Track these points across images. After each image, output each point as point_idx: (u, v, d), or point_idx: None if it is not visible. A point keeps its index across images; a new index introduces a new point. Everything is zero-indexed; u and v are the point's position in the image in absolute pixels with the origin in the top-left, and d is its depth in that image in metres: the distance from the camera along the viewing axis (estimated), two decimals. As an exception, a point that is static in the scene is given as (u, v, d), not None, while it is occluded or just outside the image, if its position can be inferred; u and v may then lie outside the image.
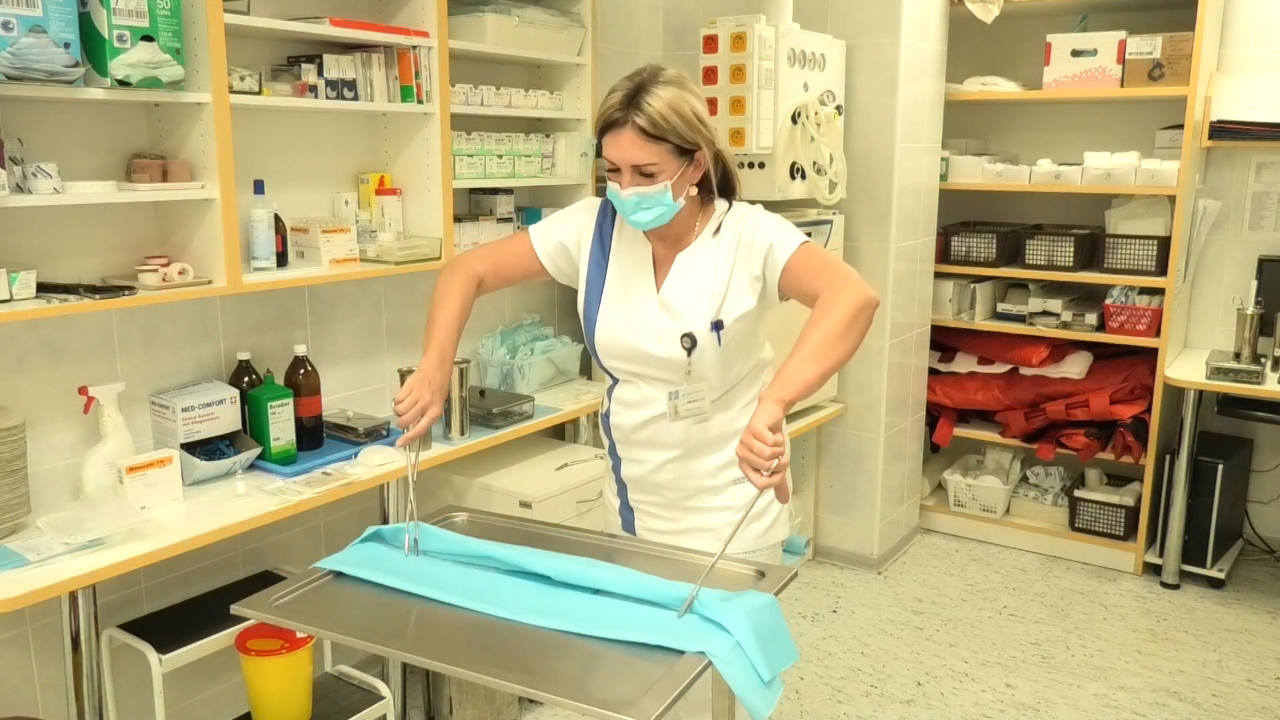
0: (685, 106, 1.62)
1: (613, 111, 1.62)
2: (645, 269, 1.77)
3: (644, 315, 1.74)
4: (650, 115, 1.59)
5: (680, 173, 1.65)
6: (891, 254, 3.61)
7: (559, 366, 3.26)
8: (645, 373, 1.76)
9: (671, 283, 1.74)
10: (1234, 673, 3.08)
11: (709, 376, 1.73)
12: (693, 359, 1.70)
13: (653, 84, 1.62)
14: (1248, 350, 3.51)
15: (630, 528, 1.90)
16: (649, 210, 1.66)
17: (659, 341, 1.72)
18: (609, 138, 1.64)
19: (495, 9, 2.85)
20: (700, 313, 1.70)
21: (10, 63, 1.80)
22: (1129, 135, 3.92)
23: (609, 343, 1.78)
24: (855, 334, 1.57)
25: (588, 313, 1.80)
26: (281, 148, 2.59)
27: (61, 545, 1.92)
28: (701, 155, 1.67)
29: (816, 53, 3.33)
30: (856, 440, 3.79)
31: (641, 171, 1.63)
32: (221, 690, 2.59)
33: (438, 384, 1.70)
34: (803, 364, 1.52)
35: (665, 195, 1.64)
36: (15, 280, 1.98)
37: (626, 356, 1.77)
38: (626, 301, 1.76)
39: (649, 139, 1.61)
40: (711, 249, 1.73)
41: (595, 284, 1.80)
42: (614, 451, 1.89)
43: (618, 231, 1.81)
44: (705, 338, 1.69)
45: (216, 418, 2.35)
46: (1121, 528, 3.81)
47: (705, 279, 1.71)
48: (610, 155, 1.65)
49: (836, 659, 3.16)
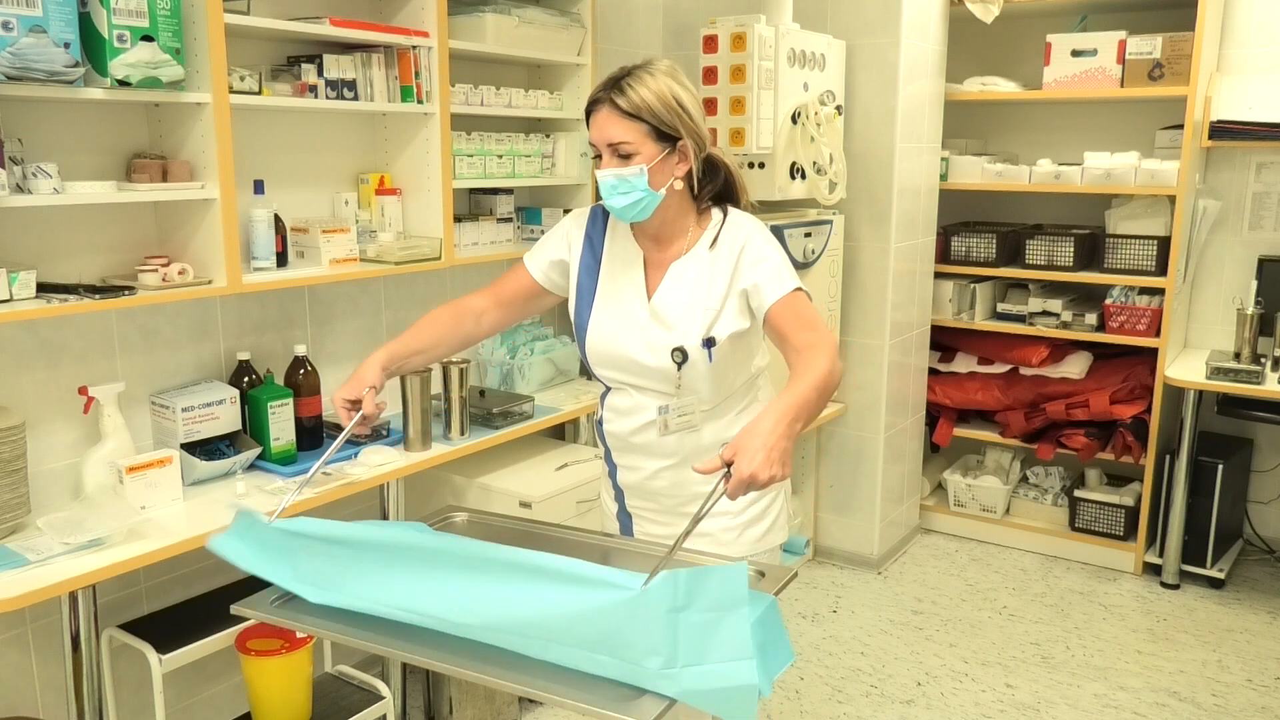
0: (667, 92, 1.64)
1: (596, 92, 1.66)
2: (636, 274, 1.76)
3: (635, 323, 1.73)
4: (628, 95, 1.62)
5: (659, 158, 1.64)
6: (891, 254, 3.61)
7: (559, 366, 3.26)
8: (636, 382, 1.75)
9: (664, 291, 1.72)
10: (1234, 673, 3.08)
11: (699, 390, 1.72)
12: (683, 372, 1.69)
13: (640, 70, 1.65)
14: (1248, 350, 3.51)
15: (629, 533, 1.90)
16: (625, 195, 1.65)
17: (649, 351, 1.71)
18: (591, 119, 1.67)
19: (495, 9, 2.85)
20: (692, 327, 1.68)
21: (10, 63, 1.80)
22: (1129, 135, 3.92)
23: (600, 349, 1.77)
24: (825, 400, 1.53)
25: (579, 319, 1.80)
26: (281, 148, 2.59)
27: (61, 545, 1.92)
28: (685, 145, 1.67)
29: (816, 53, 3.33)
30: (856, 440, 3.79)
31: (618, 152, 1.64)
32: (221, 690, 2.59)
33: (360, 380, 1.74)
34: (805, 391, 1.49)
35: (641, 179, 1.64)
36: (15, 280, 1.98)
37: (617, 364, 1.76)
38: (618, 307, 1.75)
39: (624, 116, 1.62)
40: (707, 262, 1.71)
41: (587, 289, 1.79)
42: (610, 458, 1.88)
43: (609, 237, 1.80)
44: (696, 353, 1.68)
45: (216, 418, 2.35)
46: (1121, 528, 3.81)
47: (699, 292, 1.70)
48: (591, 137, 1.67)
49: (836, 659, 3.16)
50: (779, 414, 1.42)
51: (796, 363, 1.57)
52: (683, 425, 1.74)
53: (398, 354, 1.79)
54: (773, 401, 1.46)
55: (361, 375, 1.74)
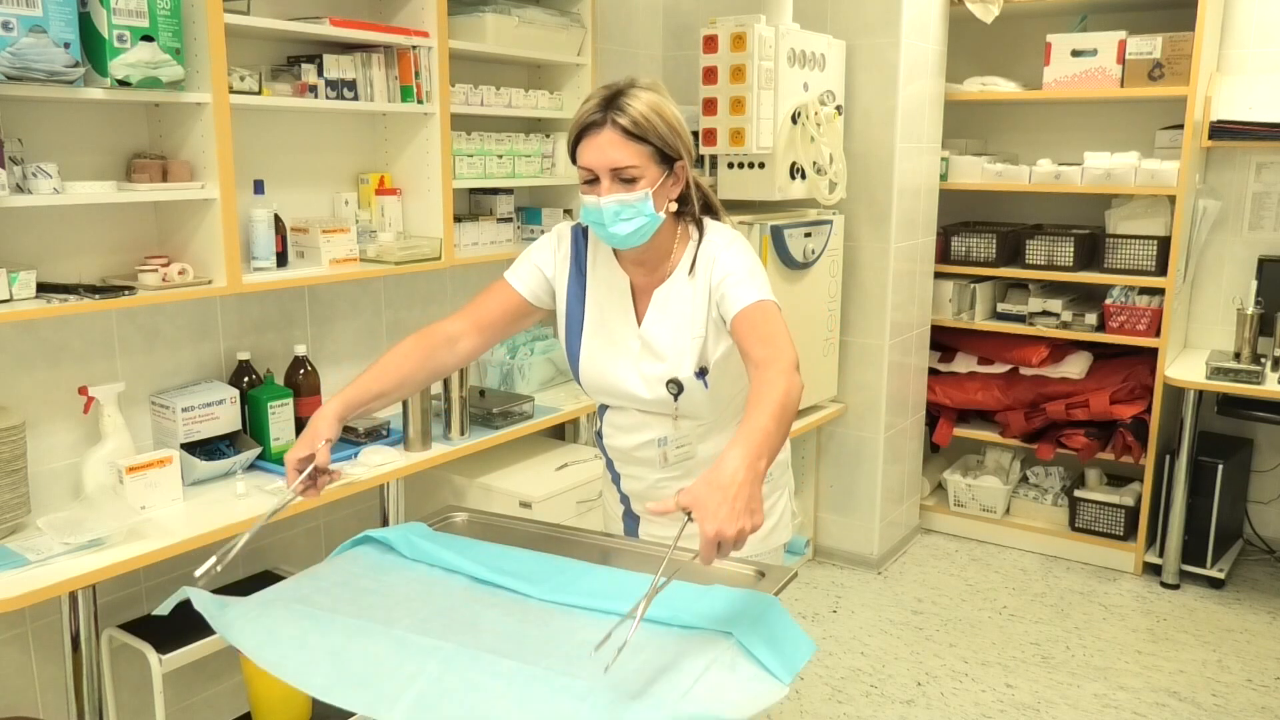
0: (666, 110, 1.58)
1: (590, 114, 1.55)
2: (624, 301, 1.71)
3: (626, 354, 1.70)
4: (631, 115, 1.53)
5: (661, 180, 1.58)
6: (891, 254, 3.61)
7: (559, 366, 3.26)
8: (633, 406, 1.75)
9: (651, 319, 1.69)
10: (1234, 673, 3.08)
11: (700, 415, 1.71)
12: (680, 402, 1.67)
13: (631, 88, 1.57)
14: (1248, 350, 3.51)
15: (634, 534, 1.90)
16: (629, 221, 1.57)
17: (644, 384, 1.69)
18: (586, 142, 1.56)
19: (495, 9, 2.85)
20: (683, 357, 1.65)
21: (10, 63, 1.80)
22: (1129, 135, 3.92)
23: (593, 380, 1.75)
24: (787, 425, 1.41)
25: (569, 347, 1.76)
26: (281, 148, 2.59)
27: (61, 545, 1.92)
28: (681, 166, 1.62)
29: (816, 53, 3.33)
30: (856, 440, 3.79)
31: (621, 177, 1.55)
32: (221, 690, 2.59)
33: (313, 435, 1.53)
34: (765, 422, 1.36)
35: (647, 204, 1.56)
36: (15, 280, 1.98)
37: (612, 394, 1.74)
38: (608, 337, 1.72)
39: (630, 138, 1.54)
40: (688, 290, 1.66)
41: (575, 316, 1.74)
42: (612, 467, 1.88)
43: (591, 262, 1.74)
44: (691, 383, 1.66)
45: (216, 418, 2.35)
46: (1121, 528, 3.81)
47: (684, 321, 1.66)
48: (588, 160, 1.56)
49: (836, 659, 3.16)
50: (739, 459, 1.27)
51: (753, 382, 1.46)
52: (682, 455, 1.73)
53: (354, 401, 1.60)
54: (730, 442, 1.31)
55: (315, 430, 1.54)
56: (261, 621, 1.40)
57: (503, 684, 1.20)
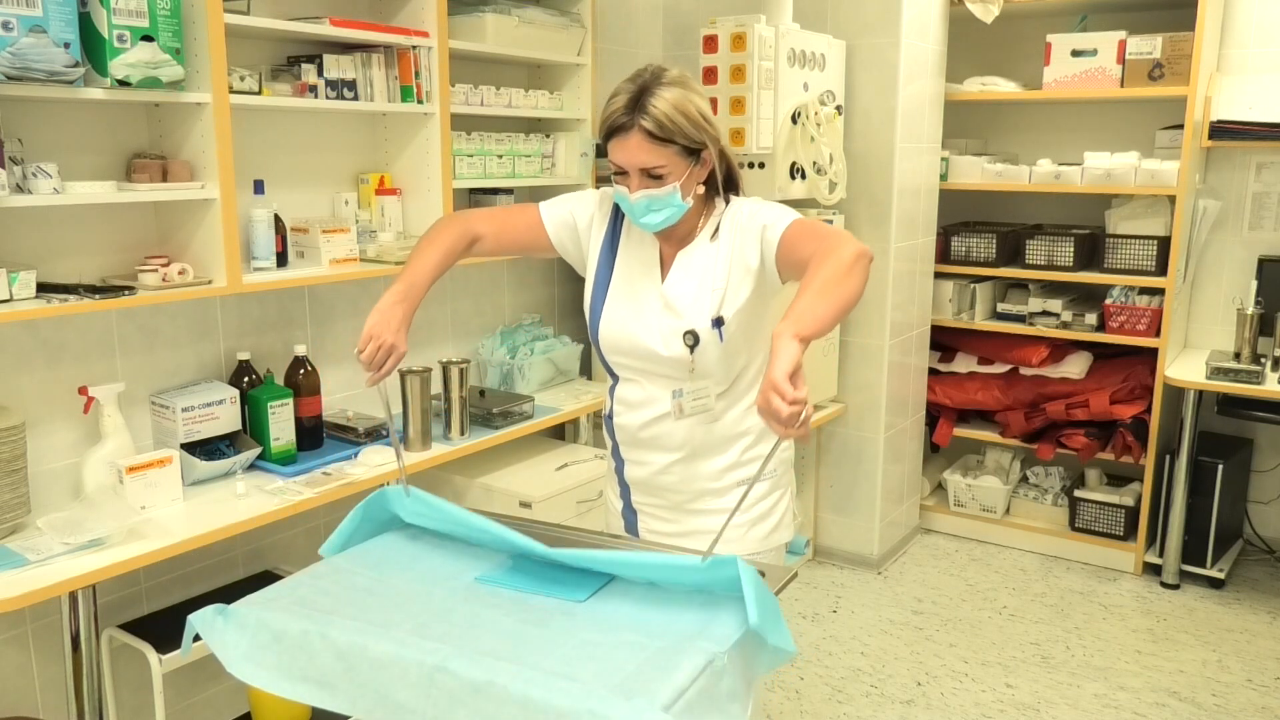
0: (690, 107, 1.62)
1: (617, 116, 1.61)
2: (653, 267, 1.76)
3: (649, 313, 1.74)
4: (656, 118, 1.58)
5: (688, 172, 1.65)
6: (891, 254, 3.61)
7: (559, 366, 3.26)
8: (648, 369, 1.76)
9: (673, 280, 1.74)
10: (1234, 673, 3.08)
11: (713, 373, 1.73)
12: (695, 356, 1.70)
13: (656, 85, 1.61)
14: (1248, 350, 3.51)
15: (633, 530, 1.90)
16: (659, 212, 1.65)
17: (663, 341, 1.71)
18: (615, 142, 1.63)
19: (495, 9, 2.85)
20: (702, 310, 1.70)
21: (10, 63, 1.80)
22: (1129, 135, 3.92)
23: (612, 338, 1.77)
24: (858, 276, 1.48)
25: (593, 305, 1.80)
26: (281, 148, 2.59)
27: (61, 545, 1.92)
28: (708, 154, 1.67)
29: (816, 53, 3.33)
30: (856, 440, 3.79)
31: (650, 174, 1.62)
32: (221, 690, 2.59)
33: (397, 320, 1.60)
34: (815, 299, 1.43)
35: (674, 196, 1.64)
36: (15, 280, 1.98)
37: (629, 352, 1.77)
38: (632, 298, 1.76)
39: (656, 142, 1.60)
40: (710, 250, 1.72)
41: (602, 278, 1.79)
42: (617, 453, 1.88)
43: (626, 228, 1.80)
44: (707, 334, 1.69)
45: (216, 418, 2.35)
46: (1121, 528, 3.81)
47: (706, 276, 1.71)
48: (617, 160, 1.64)
49: (836, 659, 3.16)
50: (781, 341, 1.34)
51: (812, 265, 1.51)
52: (698, 409, 1.73)
53: (417, 292, 1.65)
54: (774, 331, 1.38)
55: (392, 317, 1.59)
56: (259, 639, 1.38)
57: (502, 685, 1.21)
